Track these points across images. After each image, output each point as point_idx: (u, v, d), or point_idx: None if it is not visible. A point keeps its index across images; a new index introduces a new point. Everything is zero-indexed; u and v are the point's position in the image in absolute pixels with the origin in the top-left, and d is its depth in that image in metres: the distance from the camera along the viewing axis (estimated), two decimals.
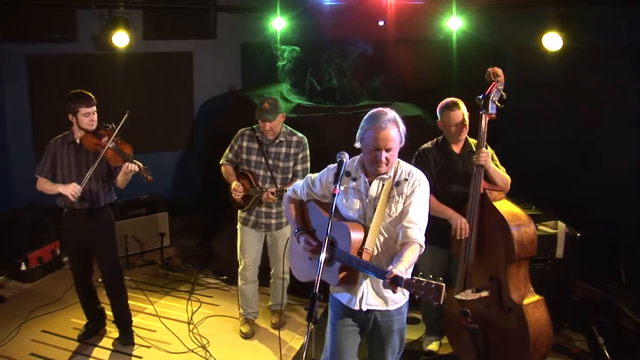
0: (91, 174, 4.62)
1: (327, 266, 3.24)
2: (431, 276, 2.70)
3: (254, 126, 4.97)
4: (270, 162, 4.91)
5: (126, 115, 4.66)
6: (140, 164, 4.60)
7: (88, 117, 4.59)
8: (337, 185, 3.06)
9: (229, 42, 7.73)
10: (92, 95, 4.63)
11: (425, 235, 3.16)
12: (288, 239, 4.95)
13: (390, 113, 3.14)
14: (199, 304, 5.85)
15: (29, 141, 6.95)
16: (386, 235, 3.21)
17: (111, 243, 4.93)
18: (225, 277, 6.31)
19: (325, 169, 3.43)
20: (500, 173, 4.28)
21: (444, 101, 4.44)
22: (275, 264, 5.23)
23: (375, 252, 3.21)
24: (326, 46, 6.83)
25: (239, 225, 5.14)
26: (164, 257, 6.94)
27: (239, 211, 5.09)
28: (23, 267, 6.25)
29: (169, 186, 7.77)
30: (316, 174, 3.50)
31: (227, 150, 5.08)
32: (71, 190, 4.53)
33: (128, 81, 7.17)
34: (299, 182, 3.63)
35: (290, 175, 4.96)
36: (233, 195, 4.91)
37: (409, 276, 2.79)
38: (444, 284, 2.62)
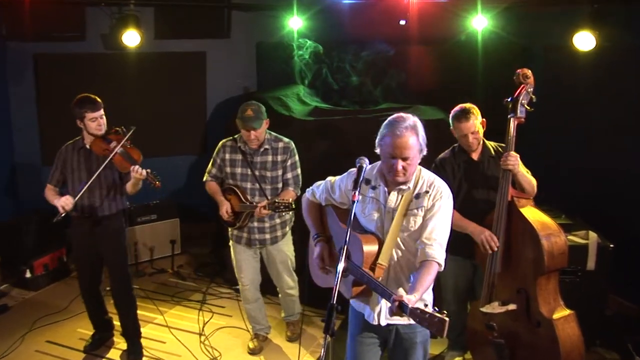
0: (100, 180, 4.65)
1: (343, 277, 3.20)
2: (436, 308, 2.66)
3: (236, 136, 4.85)
4: (256, 173, 4.78)
5: (133, 129, 4.69)
6: (149, 169, 4.59)
7: (95, 122, 4.60)
8: (357, 192, 3.03)
9: (243, 41, 7.74)
10: (98, 99, 4.63)
11: (448, 244, 3.12)
12: (287, 253, 4.99)
13: (410, 119, 3.08)
14: (210, 314, 5.85)
15: (36, 144, 7.00)
16: (405, 250, 3.18)
17: (121, 251, 4.93)
18: (238, 287, 6.27)
19: (346, 173, 3.40)
20: (528, 178, 4.22)
21: (455, 109, 4.37)
22: (278, 281, 5.16)
23: (393, 268, 3.19)
24: (345, 46, 6.81)
25: (231, 243, 5.05)
26: (175, 265, 6.96)
27: (229, 228, 5.00)
28: (28, 275, 6.27)
29: (181, 191, 7.78)
30: (336, 178, 3.48)
31: (210, 165, 4.96)
32: (62, 202, 4.55)
33: (138, 82, 7.20)
34: (319, 184, 3.59)
35: (280, 185, 4.84)
36: (222, 217, 4.82)
37: (426, 297, 2.74)
38: (447, 319, 2.57)
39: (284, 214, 4.78)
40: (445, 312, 2.61)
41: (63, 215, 4.56)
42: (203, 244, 7.57)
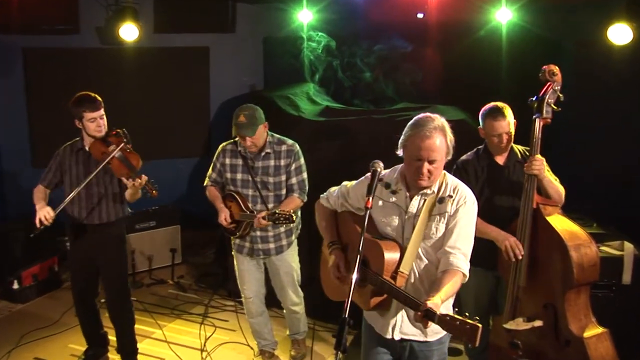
0: (99, 186, 4.65)
1: (359, 287, 3.19)
2: (467, 314, 2.65)
3: (236, 139, 4.80)
4: (258, 179, 4.75)
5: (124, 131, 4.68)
6: (146, 177, 4.54)
7: (94, 122, 4.57)
8: (370, 198, 3.01)
9: (249, 36, 7.79)
10: (98, 98, 4.60)
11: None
12: (292, 264, 4.96)
13: (438, 120, 3.09)
14: (213, 328, 5.83)
15: (25, 145, 7.03)
16: (426, 259, 3.18)
17: (119, 262, 4.91)
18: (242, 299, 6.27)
19: (364, 177, 3.38)
20: (555, 185, 4.18)
21: (486, 107, 4.35)
22: (282, 296, 5.11)
23: (413, 277, 3.18)
24: (358, 41, 6.82)
25: (233, 253, 5.02)
26: (175, 275, 6.96)
27: (231, 237, 4.98)
28: (15, 286, 6.26)
29: (182, 196, 7.81)
30: (352, 183, 3.48)
31: (210, 169, 4.96)
32: (41, 215, 4.50)
33: (136, 80, 7.23)
34: (334, 190, 3.59)
35: (283, 192, 4.79)
36: (222, 225, 4.81)
37: (446, 311, 2.76)
38: (480, 325, 2.57)
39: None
40: (477, 317, 2.61)
41: (42, 228, 4.51)
42: (206, 253, 7.58)
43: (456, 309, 2.76)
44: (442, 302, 2.82)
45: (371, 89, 6.78)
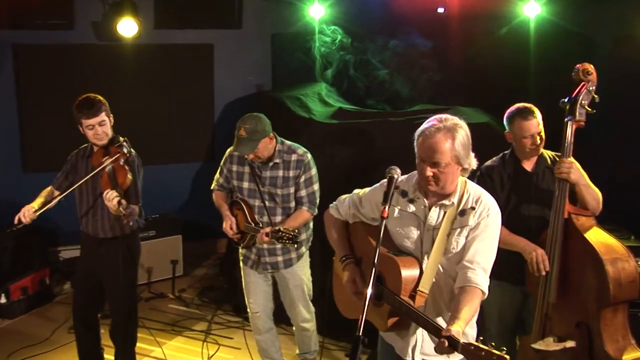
0: (102, 199, 4.58)
1: (375, 306, 3.17)
2: (493, 344, 2.61)
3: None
4: (264, 189, 4.73)
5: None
6: (123, 201, 4.32)
7: (92, 130, 4.53)
8: (387, 207, 2.97)
9: (256, 32, 7.81)
10: (97, 103, 4.53)
11: (493, 268, 3.09)
12: (302, 277, 4.95)
13: (450, 121, 3.06)
14: (217, 346, 5.82)
15: (15, 148, 6.99)
16: (445, 274, 3.15)
17: (125, 282, 4.79)
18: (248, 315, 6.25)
19: (378, 184, 3.37)
20: (593, 189, 4.14)
21: (514, 107, 4.32)
22: (292, 311, 5.07)
23: (432, 294, 3.14)
24: (373, 37, 6.80)
25: (240, 264, 5.03)
26: (176, 289, 6.95)
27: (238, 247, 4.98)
28: (3, 300, 6.24)
29: (184, 204, 7.82)
30: (364, 191, 3.46)
31: (218, 173, 4.97)
32: (21, 213, 4.49)
33: (135, 79, 7.24)
34: (344, 199, 3.57)
35: (292, 204, 4.77)
36: (226, 234, 4.80)
37: (470, 329, 2.75)
38: (508, 357, 2.54)
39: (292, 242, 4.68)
40: (504, 348, 2.57)
41: (20, 226, 4.52)
42: (209, 264, 7.61)
43: (481, 338, 2.69)
44: (464, 329, 2.78)
45: (386, 89, 6.77)
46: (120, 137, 4.61)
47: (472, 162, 3.11)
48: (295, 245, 4.57)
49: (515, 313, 4.52)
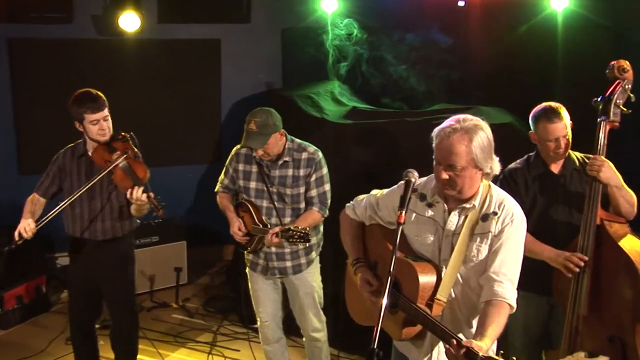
0: (103, 196, 4.62)
1: (390, 314, 3.15)
2: (514, 358, 2.58)
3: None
4: (273, 189, 4.72)
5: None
6: (152, 193, 4.48)
7: (97, 125, 4.51)
8: (404, 212, 2.94)
9: (266, 27, 7.83)
10: (101, 96, 4.54)
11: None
12: (313, 284, 4.93)
13: (469, 122, 3.03)
14: (222, 359, 5.81)
15: (11, 148, 7.02)
16: (464, 284, 3.14)
17: (125, 286, 4.90)
18: (256, 326, 6.20)
19: (396, 186, 3.36)
20: (626, 191, 4.09)
21: (540, 107, 4.27)
22: (302, 320, 5.04)
23: (450, 306, 3.14)
24: (388, 32, 6.78)
25: (247, 270, 5.02)
26: (180, 298, 6.95)
27: (244, 252, 4.96)
28: None
29: (189, 209, 7.86)
30: (382, 192, 3.46)
31: (222, 174, 4.96)
32: (21, 227, 4.46)
33: (138, 76, 7.25)
34: (361, 199, 3.57)
35: (302, 205, 4.76)
36: (234, 237, 4.78)
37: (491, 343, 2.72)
38: None
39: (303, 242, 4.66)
40: None
41: (20, 242, 4.47)
42: (215, 272, 7.62)
43: (501, 351, 2.68)
44: (489, 347, 2.77)
45: (403, 86, 6.78)
46: (124, 133, 4.62)
47: (495, 166, 3.08)
48: (307, 244, 4.59)
49: (541, 325, 4.47)
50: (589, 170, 3.98)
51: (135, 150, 4.60)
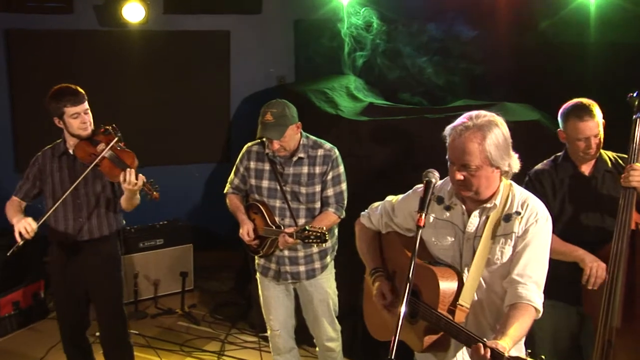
0: (88, 194, 4.63)
1: (410, 324, 3.15)
2: (543, 357, 2.60)
3: (264, 138, 4.75)
4: (287, 188, 4.70)
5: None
6: (144, 176, 4.50)
7: (78, 118, 4.54)
8: (424, 215, 2.94)
9: (278, 18, 7.87)
10: (80, 90, 4.57)
11: (545, 285, 3.05)
12: (328, 290, 4.92)
13: (482, 118, 3.02)
14: None
15: (8, 145, 7.07)
16: (487, 288, 3.14)
17: (114, 286, 4.90)
18: (267, 334, 6.19)
19: (411, 190, 3.38)
20: None
21: (570, 103, 4.21)
22: (315, 328, 5.02)
23: (473, 310, 3.13)
24: (408, 24, 6.76)
25: (257, 276, 5.00)
26: (186, 304, 6.95)
27: (255, 257, 4.95)
28: None
29: (196, 210, 7.87)
30: (398, 197, 3.46)
31: (232, 174, 4.96)
32: (21, 227, 4.46)
33: (142, 69, 7.27)
34: (376, 206, 3.57)
35: (317, 205, 4.74)
36: (243, 240, 4.77)
37: (517, 353, 2.70)
38: None
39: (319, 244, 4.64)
40: None
41: (22, 244, 4.48)
42: (223, 277, 7.63)
43: (529, 350, 2.69)
44: (512, 347, 2.75)
45: (422, 81, 6.78)
46: (106, 126, 4.64)
47: (514, 164, 3.06)
48: (324, 245, 4.58)
49: (570, 338, 4.42)
50: (625, 182, 3.92)
51: (120, 139, 4.61)
